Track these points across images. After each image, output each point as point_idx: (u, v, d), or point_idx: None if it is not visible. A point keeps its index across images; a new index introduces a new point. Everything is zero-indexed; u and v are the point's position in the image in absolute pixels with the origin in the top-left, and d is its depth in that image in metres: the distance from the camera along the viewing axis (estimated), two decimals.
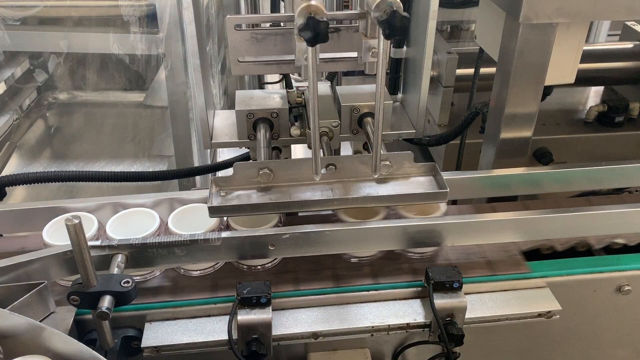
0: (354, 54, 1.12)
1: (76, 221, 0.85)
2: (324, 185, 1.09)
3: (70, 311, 0.98)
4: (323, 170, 1.08)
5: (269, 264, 1.12)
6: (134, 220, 1.10)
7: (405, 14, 0.85)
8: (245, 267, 1.12)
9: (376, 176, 1.06)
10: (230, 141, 1.26)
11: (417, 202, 1.09)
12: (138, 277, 1.08)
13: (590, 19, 1.17)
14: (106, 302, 0.89)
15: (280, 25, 1.09)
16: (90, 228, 1.08)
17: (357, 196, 1.06)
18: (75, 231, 0.85)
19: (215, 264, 1.11)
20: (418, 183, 1.10)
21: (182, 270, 1.10)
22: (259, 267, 1.12)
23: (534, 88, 1.21)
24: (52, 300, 0.98)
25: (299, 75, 1.11)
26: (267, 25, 1.13)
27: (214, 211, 1.03)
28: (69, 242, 0.87)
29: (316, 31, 0.84)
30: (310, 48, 0.89)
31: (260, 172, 1.07)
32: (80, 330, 1.00)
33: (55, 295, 1.02)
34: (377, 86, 0.94)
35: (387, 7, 0.86)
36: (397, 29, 0.84)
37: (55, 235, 1.07)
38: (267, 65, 1.11)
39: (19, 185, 1.27)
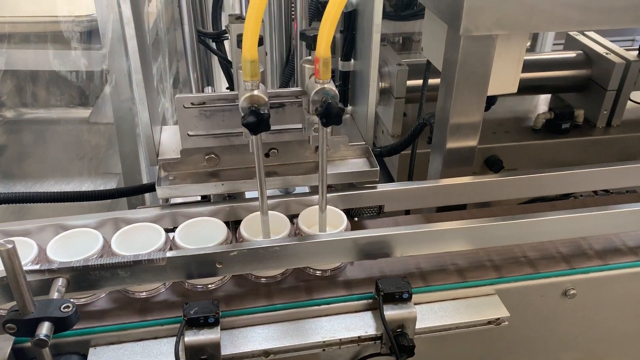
0: (299, 125, 1.17)
1: (9, 246, 0.81)
2: (268, 167, 1.20)
3: (7, 340, 0.94)
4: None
5: (217, 283, 1.10)
6: (76, 242, 1.06)
7: (340, 105, 0.91)
8: (196, 286, 1.10)
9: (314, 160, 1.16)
10: (177, 157, 1.24)
11: (351, 180, 1.23)
12: (82, 301, 1.05)
13: (528, 31, 1.20)
14: (44, 329, 0.85)
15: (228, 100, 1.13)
16: (30, 252, 1.04)
17: (298, 176, 1.19)
18: (9, 257, 0.82)
19: (163, 284, 1.09)
20: (353, 164, 1.25)
21: (130, 292, 1.07)
22: (210, 285, 1.10)
23: (477, 98, 1.24)
24: None
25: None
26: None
27: (162, 193, 1.13)
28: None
29: (258, 121, 0.90)
30: (253, 136, 0.94)
31: (207, 157, 1.16)
32: (19, 359, 0.96)
33: None
34: (319, 168, 1.01)
35: (324, 96, 0.92)
36: (333, 117, 0.92)
37: None
38: (216, 137, 1.16)
39: None
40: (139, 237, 1.08)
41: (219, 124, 1.14)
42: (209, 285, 1.09)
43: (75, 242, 1.07)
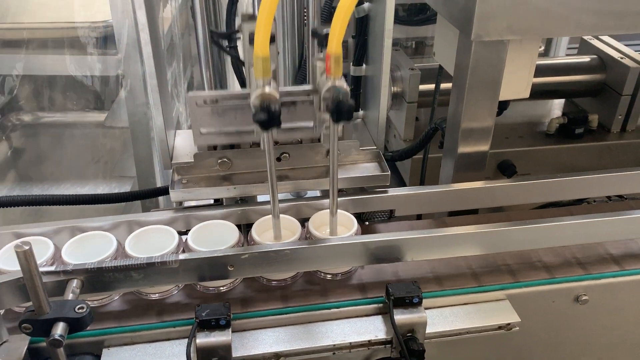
0: (311, 124, 1.16)
1: (26, 247, 0.83)
2: (279, 171, 1.20)
3: (24, 339, 0.96)
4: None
5: (228, 285, 1.11)
6: (90, 244, 1.08)
7: (351, 102, 0.90)
8: (207, 288, 1.11)
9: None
10: (190, 161, 1.26)
11: (362, 184, 1.23)
12: (96, 302, 1.07)
13: (540, 36, 1.20)
14: (59, 329, 0.87)
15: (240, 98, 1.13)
16: (45, 253, 1.06)
17: (310, 180, 1.19)
18: (26, 257, 0.84)
19: (176, 286, 1.10)
20: (364, 168, 1.25)
21: (143, 294, 1.09)
22: (221, 288, 1.11)
23: (488, 103, 1.24)
24: (5, 328, 0.96)
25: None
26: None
27: (176, 196, 1.15)
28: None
29: (269, 117, 0.90)
30: (264, 133, 0.94)
31: (219, 161, 1.18)
32: (34, 359, 0.98)
33: (9, 322, 0.99)
34: (330, 159, 1.01)
35: (335, 93, 0.91)
36: (344, 114, 0.91)
37: (10, 261, 1.04)
38: (228, 135, 1.17)
39: None
40: (152, 240, 1.09)
41: (231, 121, 1.14)
42: (221, 288, 1.10)
43: (90, 244, 1.08)
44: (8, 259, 1.05)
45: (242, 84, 1.40)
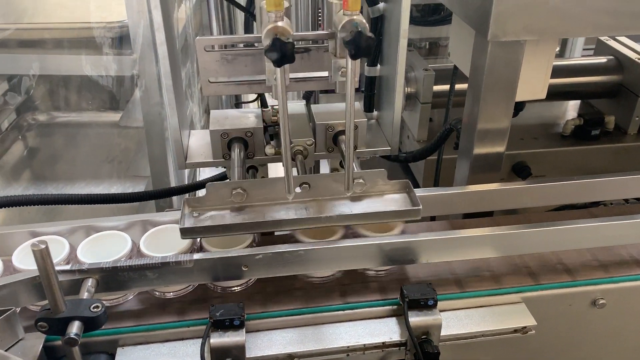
0: (325, 73, 1.12)
1: (42, 246, 0.83)
2: (298, 204, 1.09)
3: (39, 338, 0.96)
4: (297, 189, 1.08)
5: (242, 286, 1.11)
6: (105, 244, 1.09)
7: (370, 34, 0.86)
8: (219, 288, 1.11)
9: (349, 194, 1.06)
10: (205, 161, 1.26)
11: (391, 219, 1.09)
12: (111, 301, 1.07)
13: (557, 36, 1.19)
14: (75, 327, 0.87)
15: (251, 46, 1.09)
16: (61, 252, 1.06)
17: (331, 215, 1.06)
18: (42, 256, 0.84)
19: (189, 286, 1.10)
20: (392, 200, 1.10)
21: (157, 293, 1.09)
22: (235, 288, 1.11)
23: (505, 104, 1.22)
24: (21, 326, 0.96)
25: (271, 95, 1.11)
26: (241, 45, 1.14)
27: (186, 232, 1.02)
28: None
29: (282, 52, 0.85)
30: (278, 69, 0.89)
31: (234, 192, 1.06)
32: (50, 357, 0.98)
33: (25, 320, 1.00)
34: (346, 105, 0.94)
35: (353, 27, 0.87)
36: (363, 49, 0.85)
37: (26, 260, 1.05)
38: (238, 85, 1.11)
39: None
40: (167, 239, 1.09)
41: (241, 69, 1.08)
42: (234, 288, 1.10)
43: (105, 244, 1.09)
44: (25, 257, 1.05)
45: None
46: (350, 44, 0.85)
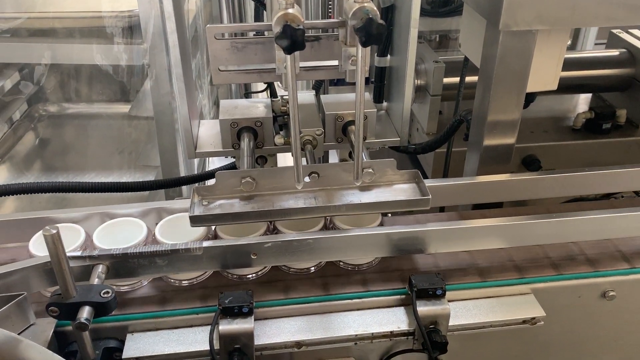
0: (335, 62, 1.12)
1: (54, 231, 0.84)
2: (307, 193, 1.09)
3: (50, 323, 0.97)
4: (306, 179, 1.08)
5: (256, 273, 1.12)
6: (121, 230, 1.09)
7: (381, 21, 0.85)
8: (235, 276, 1.11)
9: (358, 184, 1.06)
10: (214, 150, 1.27)
11: (400, 209, 1.09)
12: (125, 288, 1.08)
13: (570, 26, 1.18)
14: (85, 313, 0.88)
15: (261, 34, 1.09)
16: (77, 239, 1.07)
17: (340, 204, 1.06)
18: (53, 242, 0.85)
19: (203, 274, 1.11)
20: (401, 190, 1.10)
21: (172, 280, 1.10)
22: (249, 275, 1.11)
23: (515, 95, 1.22)
24: (32, 311, 0.97)
25: (281, 83, 1.11)
26: (251, 34, 1.14)
27: (195, 220, 1.02)
28: None
29: (293, 39, 0.84)
30: (288, 56, 0.89)
31: (243, 181, 1.06)
32: (60, 342, 0.99)
33: (36, 306, 1.01)
34: (356, 94, 0.94)
35: (364, 14, 0.86)
36: (374, 36, 0.85)
37: (42, 247, 1.06)
38: (248, 74, 1.12)
39: (11, 195, 1.26)
40: (181, 227, 1.09)
41: (252, 57, 1.08)
42: (249, 276, 1.10)
43: (120, 230, 1.10)
44: (41, 245, 1.06)
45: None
46: (361, 30, 0.85)
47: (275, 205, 1.06)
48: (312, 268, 1.13)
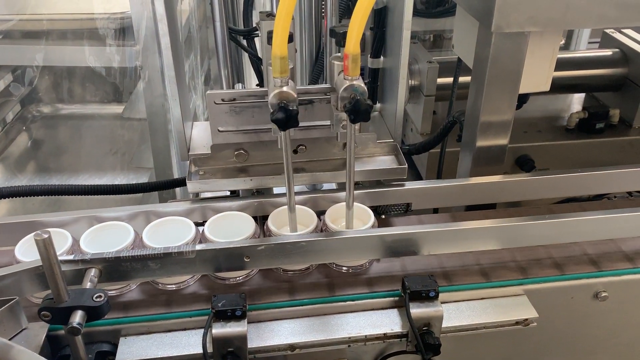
0: (328, 122, 1.17)
1: (45, 236, 0.84)
2: (296, 163, 1.20)
3: (42, 327, 0.97)
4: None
5: (245, 276, 1.12)
6: (108, 234, 1.09)
7: (368, 101, 0.91)
8: (221, 279, 1.11)
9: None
10: (207, 152, 1.26)
11: (379, 177, 1.21)
12: (114, 292, 1.07)
13: (562, 28, 1.18)
14: (77, 317, 0.88)
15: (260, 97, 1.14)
16: (64, 243, 1.07)
17: (327, 172, 1.19)
18: (45, 246, 0.85)
19: (191, 278, 1.10)
20: (381, 161, 1.24)
21: (159, 284, 1.10)
22: (239, 278, 1.11)
23: (508, 96, 1.22)
24: (24, 316, 0.97)
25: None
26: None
27: (193, 186, 1.15)
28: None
29: (287, 117, 0.91)
30: (282, 132, 0.95)
31: (236, 152, 1.17)
32: (53, 346, 0.99)
33: (28, 311, 1.01)
34: (347, 164, 1.03)
35: (352, 92, 0.92)
36: (361, 114, 0.92)
37: (29, 252, 1.05)
38: (246, 133, 1.18)
39: (4, 198, 1.26)
40: (169, 231, 1.10)
41: (249, 120, 1.15)
42: (238, 278, 1.10)
43: (108, 234, 1.09)
44: (27, 250, 1.06)
45: (261, 80, 1.41)
46: (350, 111, 0.92)
47: (266, 175, 1.17)
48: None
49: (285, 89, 0.93)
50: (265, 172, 1.20)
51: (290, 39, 0.92)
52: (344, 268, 1.13)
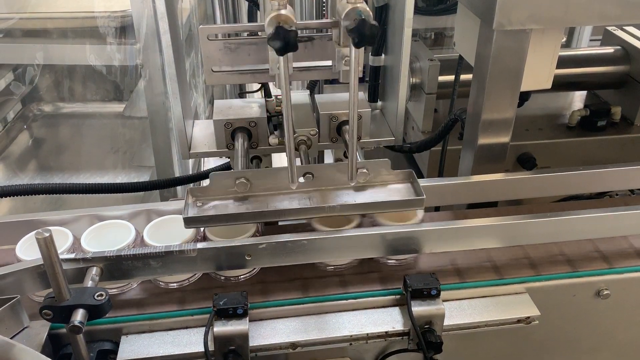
0: (329, 62, 1.12)
1: (46, 234, 0.84)
2: (302, 194, 1.08)
3: (44, 326, 0.97)
4: (301, 179, 1.07)
5: (247, 274, 1.11)
6: (109, 233, 1.09)
7: (374, 22, 0.85)
8: (223, 277, 1.11)
9: (353, 184, 1.06)
10: (208, 151, 1.26)
11: (394, 209, 1.08)
12: (115, 290, 1.07)
13: (564, 25, 1.18)
14: (79, 315, 0.88)
15: (254, 34, 1.09)
16: (65, 242, 1.07)
17: (334, 204, 1.05)
18: (46, 245, 0.85)
19: (193, 275, 1.10)
20: (395, 190, 1.10)
21: (161, 283, 1.09)
22: (241, 277, 1.11)
23: (510, 94, 1.22)
24: (26, 314, 0.97)
25: (275, 83, 1.11)
26: (245, 34, 1.13)
27: (189, 222, 1.02)
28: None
29: (285, 40, 0.84)
30: (281, 58, 0.88)
31: (237, 182, 1.06)
32: (55, 345, 0.99)
33: (30, 309, 1.01)
34: (350, 95, 0.94)
35: (357, 15, 0.86)
36: (366, 37, 0.84)
37: (30, 250, 1.05)
38: (241, 74, 1.11)
39: (5, 197, 1.26)
40: (170, 229, 1.09)
41: (245, 58, 1.08)
42: (240, 277, 1.10)
43: (109, 233, 1.09)
44: (28, 248, 1.06)
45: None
46: (354, 32, 0.84)
47: (269, 206, 1.06)
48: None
49: (283, 11, 0.86)
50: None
51: None
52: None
